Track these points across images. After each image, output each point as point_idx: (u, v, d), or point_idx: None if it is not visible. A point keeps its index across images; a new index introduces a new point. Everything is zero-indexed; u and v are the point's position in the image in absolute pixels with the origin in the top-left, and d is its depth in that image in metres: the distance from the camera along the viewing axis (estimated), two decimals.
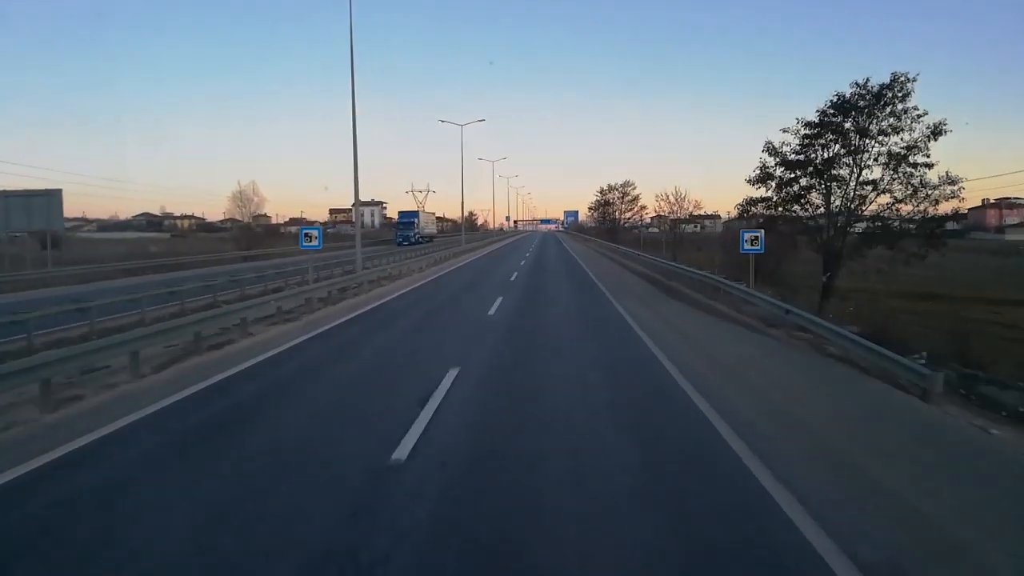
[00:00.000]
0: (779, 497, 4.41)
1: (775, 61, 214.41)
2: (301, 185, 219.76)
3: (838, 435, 6.02)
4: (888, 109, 17.90)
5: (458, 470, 4.94)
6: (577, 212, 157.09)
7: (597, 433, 5.95)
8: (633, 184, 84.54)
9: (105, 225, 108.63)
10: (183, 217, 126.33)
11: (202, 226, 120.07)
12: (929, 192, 17.59)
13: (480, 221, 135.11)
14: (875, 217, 18.87)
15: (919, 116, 17.45)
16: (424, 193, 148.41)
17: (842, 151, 18.80)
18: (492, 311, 14.79)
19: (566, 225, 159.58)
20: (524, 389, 7.72)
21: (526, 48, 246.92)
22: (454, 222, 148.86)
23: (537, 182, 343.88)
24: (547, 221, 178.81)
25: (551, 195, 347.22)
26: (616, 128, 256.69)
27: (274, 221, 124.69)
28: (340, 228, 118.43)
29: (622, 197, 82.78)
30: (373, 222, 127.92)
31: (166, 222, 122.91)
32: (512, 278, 24.75)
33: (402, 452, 5.22)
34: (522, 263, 35.14)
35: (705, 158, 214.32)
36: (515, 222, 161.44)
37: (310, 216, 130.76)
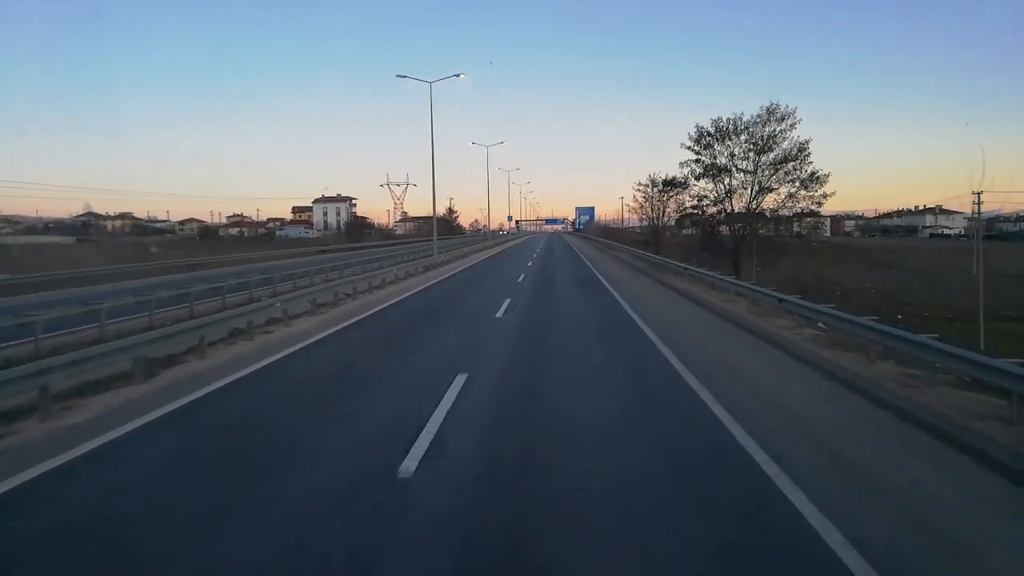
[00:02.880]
0: None
1: (778, 62, 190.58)
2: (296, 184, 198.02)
3: None
4: None
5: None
6: (593, 209, 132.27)
7: None
8: (793, 118, 29.96)
9: (32, 228, 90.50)
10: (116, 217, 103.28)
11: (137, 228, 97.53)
12: None
13: (470, 221, 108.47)
14: None
15: None
16: (402, 187, 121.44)
17: None
18: None
19: (578, 225, 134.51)
20: None
21: (525, 48, 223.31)
22: (425, 219, 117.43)
23: (542, 182, 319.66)
24: (553, 221, 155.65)
25: (556, 195, 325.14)
26: (616, 129, 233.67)
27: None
28: (290, 231, 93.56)
29: (754, 166, 29.85)
30: (339, 222, 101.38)
31: (93, 223, 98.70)
32: None
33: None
34: None
35: None
36: (517, 222, 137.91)
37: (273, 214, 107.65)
